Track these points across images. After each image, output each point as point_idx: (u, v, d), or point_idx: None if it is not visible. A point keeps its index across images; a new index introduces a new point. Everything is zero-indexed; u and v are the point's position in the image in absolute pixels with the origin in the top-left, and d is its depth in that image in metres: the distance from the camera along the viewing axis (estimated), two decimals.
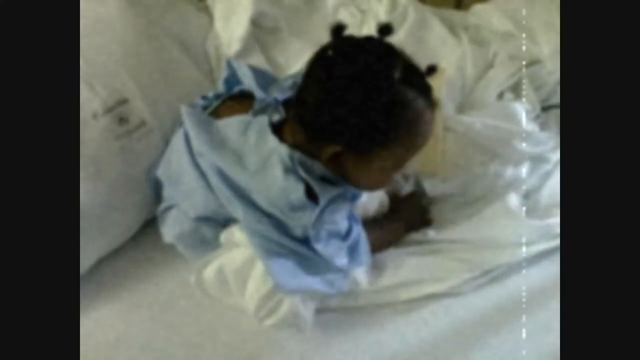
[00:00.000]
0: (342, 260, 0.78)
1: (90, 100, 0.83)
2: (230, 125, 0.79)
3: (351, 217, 0.79)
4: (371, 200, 0.87)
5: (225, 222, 0.81)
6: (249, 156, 0.75)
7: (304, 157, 0.72)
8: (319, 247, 0.75)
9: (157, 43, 0.96)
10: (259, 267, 0.77)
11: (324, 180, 0.73)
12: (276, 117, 0.77)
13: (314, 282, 0.76)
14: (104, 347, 0.79)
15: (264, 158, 0.74)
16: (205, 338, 0.80)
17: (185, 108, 0.82)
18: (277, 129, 0.76)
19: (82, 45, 0.87)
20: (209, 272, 0.80)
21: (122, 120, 0.85)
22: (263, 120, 0.77)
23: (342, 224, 0.77)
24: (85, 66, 0.85)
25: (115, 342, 0.80)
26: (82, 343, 0.75)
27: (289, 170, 0.72)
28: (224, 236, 0.80)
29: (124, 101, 0.85)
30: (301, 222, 0.74)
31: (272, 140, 0.74)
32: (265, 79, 0.89)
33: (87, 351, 0.78)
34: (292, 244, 0.76)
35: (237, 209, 0.76)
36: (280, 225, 0.75)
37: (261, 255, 0.75)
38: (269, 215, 0.75)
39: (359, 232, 0.80)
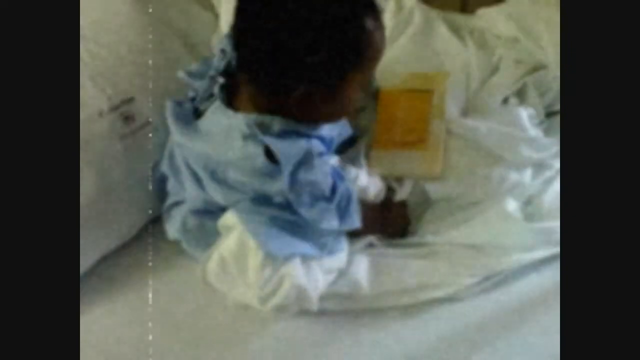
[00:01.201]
0: (330, 222, 0.76)
1: (97, 98, 0.84)
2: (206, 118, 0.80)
3: (335, 175, 0.78)
4: (370, 187, 0.87)
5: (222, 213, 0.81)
6: (215, 136, 0.76)
7: (260, 117, 0.73)
8: (303, 211, 0.75)
9: (163, 41, 0.97)
10: (254, 245, 0.76)
11: (288, 134, 0.73)
12: (216, 90, 0.78)
13: (304, 247, 0.77)
14: (105, 346, 0.80)
15: (225, 133, 0.75)
16: (207, 338, 0.80)
17: (169, 103, 0.83)
18: (231, 102, 0.77)
19: (88, 42, 0.88)
20: (212, 263, 0.80)
21: (128, 118, 0.86)
22: (216, 101, 0.78)
23: (324, 184, 0.76)
24: (91, 64, 0.86)
25: (116, 341, 0.80)
26: (83, 341, 0.75)
27: (247, 137, 0.73)
28: (219, 224, 0.81)
29: (129, 99, 0.86)
30: (277, 188, 0.74)
31: (229, 115, 0.75)
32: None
33: (88, 350, 0.77)
34: (278, 213, 0.76)
35: (217, 193, 0.77)
36: (262, 198, 0.76)
37: (249, 228, 0.76)
38: (249, 191, 0.76)
39: (347, 189, 0.79)
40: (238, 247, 0.78)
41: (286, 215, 0.76)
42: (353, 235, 0.83)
